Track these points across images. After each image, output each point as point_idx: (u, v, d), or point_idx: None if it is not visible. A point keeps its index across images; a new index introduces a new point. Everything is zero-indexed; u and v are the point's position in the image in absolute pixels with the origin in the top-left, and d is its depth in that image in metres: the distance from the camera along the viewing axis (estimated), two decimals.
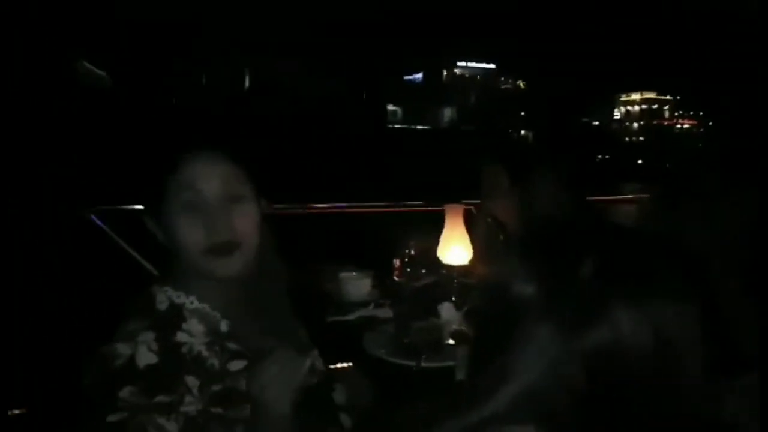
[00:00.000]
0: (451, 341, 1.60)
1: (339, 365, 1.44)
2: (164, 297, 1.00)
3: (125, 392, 0.88)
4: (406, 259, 2.05)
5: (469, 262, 1.94)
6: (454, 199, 2.10)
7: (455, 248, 1.93)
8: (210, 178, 0.98)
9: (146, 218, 1.03)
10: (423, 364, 1.45)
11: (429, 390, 1.34)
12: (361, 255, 2.24)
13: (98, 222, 2.49)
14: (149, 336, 0.94)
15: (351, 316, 1.77)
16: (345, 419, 1.22)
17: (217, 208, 0.97)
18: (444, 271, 1.95)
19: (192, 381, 0.94)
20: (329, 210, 3.63)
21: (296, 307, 1.20)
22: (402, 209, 3.51)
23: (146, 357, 0.92)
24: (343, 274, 1.93)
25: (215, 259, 0.97)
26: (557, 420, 0.59)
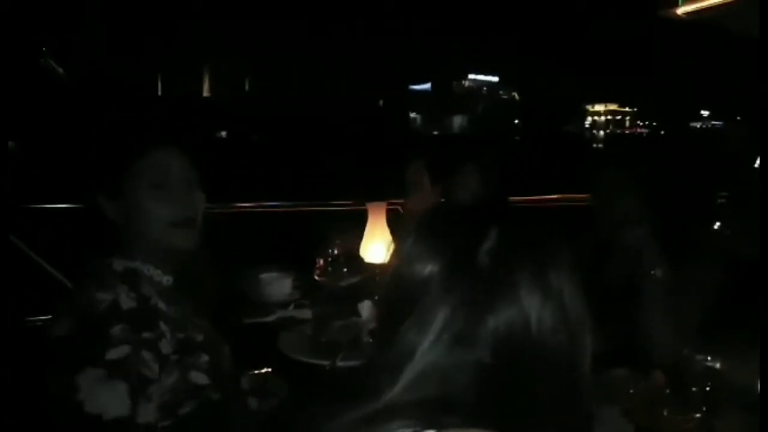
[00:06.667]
0: (371, 339, 1.59)
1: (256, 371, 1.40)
2: (119, 263, 1.08)
3: (116, 330, 0.95)
4: (330, 259, 2.03)
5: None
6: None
7: (377, 246, 1.93)
8: (175, 162, 1.13)
9: (100, 198, 1.10)
10: (339, 363, 1.43)
11: (343, 388, 1.32)
12: (287, 255, 2.20)
13: None
14: (123, 287, 1.02)
15: (270, 318, 1.73)
16: (253, 403, 1.30)
17: (181, 188, 1.11)
18: (366, 270, 1.93)
19: (164, 326, 1.04)
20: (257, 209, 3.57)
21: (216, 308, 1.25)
22: (329, 208, 3.48)
23: (127, 302, 1.00)
24: (264, 275, 1.89)
25: (177, 230, 1.10)
26: (462, 400, 0.58)
